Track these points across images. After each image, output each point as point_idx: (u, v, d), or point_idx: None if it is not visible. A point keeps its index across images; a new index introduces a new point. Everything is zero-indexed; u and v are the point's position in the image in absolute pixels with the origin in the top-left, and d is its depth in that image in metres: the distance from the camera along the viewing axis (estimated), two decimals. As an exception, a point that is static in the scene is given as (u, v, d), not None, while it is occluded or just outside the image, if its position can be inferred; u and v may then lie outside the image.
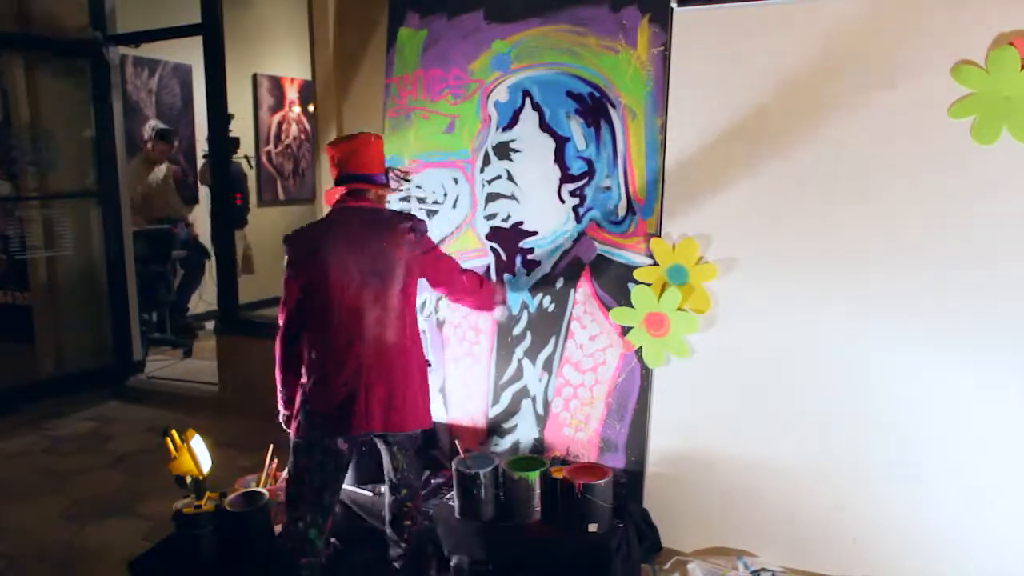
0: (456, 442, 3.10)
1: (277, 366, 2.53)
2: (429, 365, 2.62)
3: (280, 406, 2.58)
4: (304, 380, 2.43)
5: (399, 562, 2.59)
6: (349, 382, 2.35)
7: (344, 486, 3.01)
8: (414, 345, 2.49)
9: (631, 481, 2.85)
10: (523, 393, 3.08)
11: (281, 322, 2.49)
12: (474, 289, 2.79)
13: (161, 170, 6.00)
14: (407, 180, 2.96)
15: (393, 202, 3.37)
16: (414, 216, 2.55)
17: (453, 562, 2.59)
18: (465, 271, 2.77)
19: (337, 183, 2.52)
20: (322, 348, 2.39)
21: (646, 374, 2.88)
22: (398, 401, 2.39)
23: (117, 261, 5.25)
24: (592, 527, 2.63)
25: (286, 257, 2.45)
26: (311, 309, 2.41)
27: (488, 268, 3.14)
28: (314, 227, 2.49)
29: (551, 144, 3.04)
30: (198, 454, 2.80)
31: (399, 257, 2.41)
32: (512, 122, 3.12)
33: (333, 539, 2.90)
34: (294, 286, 2.43)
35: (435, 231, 3.29)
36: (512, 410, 3.10)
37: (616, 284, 2.92)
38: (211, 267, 5.84)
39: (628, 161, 2.91)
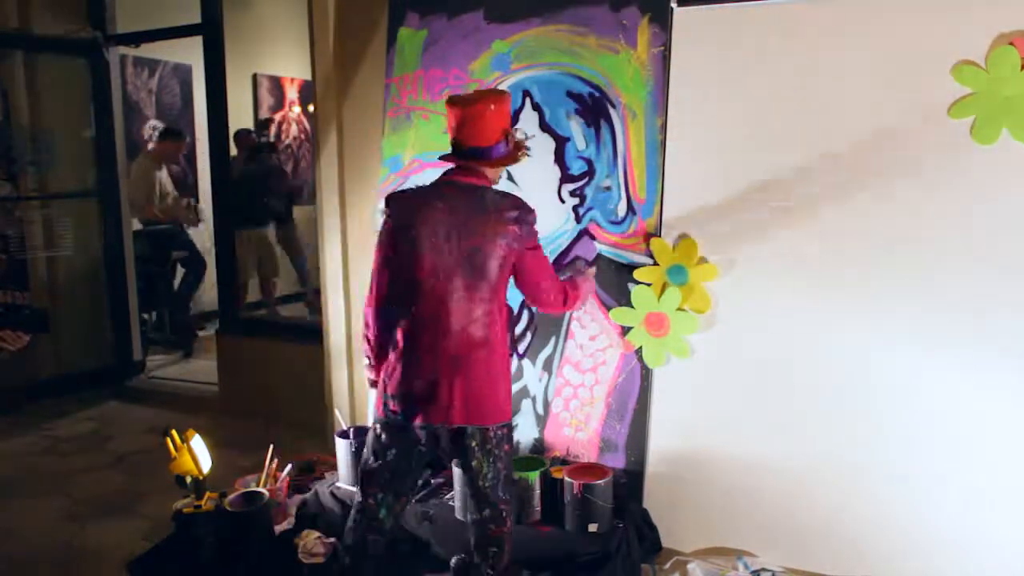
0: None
1: (369, 333, 2.40)
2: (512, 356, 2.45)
3: (370, 373, 2.46)
4: (391, 359, 2.31)
5: None
6: (433, 372, 2.23)
7: (343, 485, 3.02)
8: (502, 339, 2.32)
9: (631, 481, 2.85)
10: (523, 393, 3.08)
11: (374, 288, 2.36)
12: (555, 304, 2.51)
13: (163, 171, 6.00)
14: (527, 149, 2.54)
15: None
16: (522, 204, 2.33)
17: (453, 562, 2.59)
18: (554, 278, 2.50)
19: (451, 153, 2.35)
20: (410, 333, 2.27)
21: (646, 374, 2.88)
22: (478, 395, 2.25)
23: (117, 261, 5.25)
24: (592, 527, 2.63)
25: (384, 217, 2.33)
26: (399, 281, 2.30)
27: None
28: (418, 195, 2.34)
29: (551, 144, 3.04)
30: (198, 454, 2.80)
31: (497, 249, 2.25)
32: (512, 122, 3.12)
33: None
34: (389, 248, 2.31)
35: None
36: (512, 410, 3.10)
37: (616, 284, 2.92)
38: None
39: (628, 161, 2.92)
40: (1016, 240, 2.41)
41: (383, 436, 2.33)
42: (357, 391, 3.66)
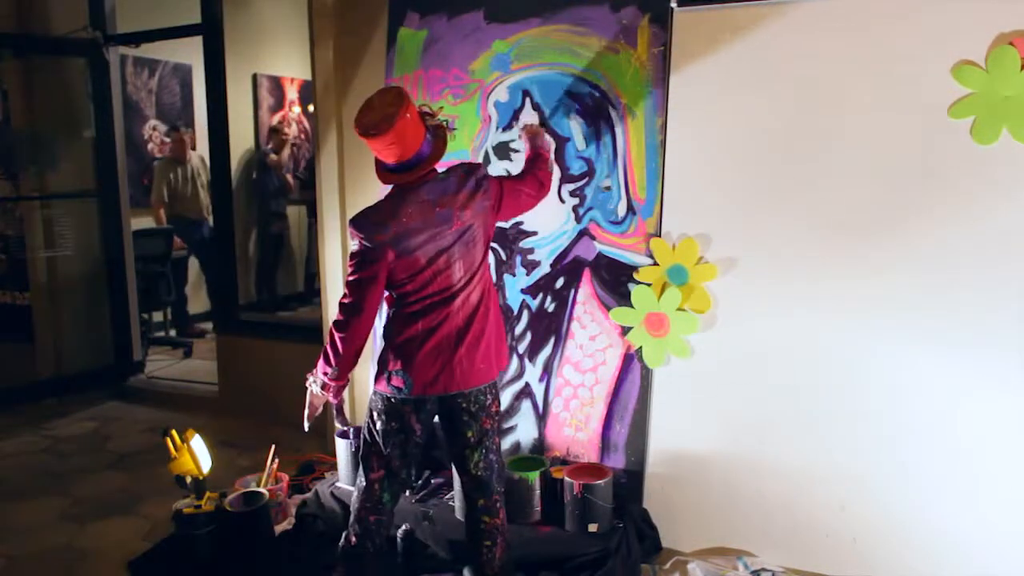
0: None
1: (338, 341, 2.29)
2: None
3: (325, 372, 2.34)
4: (392, 349, 2.31)
5: None
6: (443, 353, 2.27)
7: (343, 485, 3.02)
8: (494, 297, 2.40)
9: (631, 481, 2.85)
10: (523, 393, 3.08)
11: (353, 308, 2.25)
12: (542, 194, 2.57)
13: (195, 166, 6.30)
14: (452, 129, 2.53)
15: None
16: (473, 167, 2.37)
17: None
18: (529, 182, 2.54)
19: (389, 170, 2.31)
20: (412, 327, 2.28)
21: (646, 374, 2.88)
22: (484, 357, 2.31)
23: (117, 261, 5.25)
24: (592, 527, 2.63)
25: (356, 244, 2.28)
26: (392, 292, 2.30)
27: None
28: (381, 211, 2.29)
29: (551, 144, 3.04)
30: (198, 454, 2.80)
31: (477, 220, 2.30)
32: (512, 122, 3.12)
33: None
34: (370, 272, 2.24)
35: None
36: (512, 410, 3.10)
37: (616, 284, 2.92)
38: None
39: (628, 161, 2.92)
40: (1017, 239, 2.41)
41: (382, 423, 2.32)
42: (357, 391, 3.66)
